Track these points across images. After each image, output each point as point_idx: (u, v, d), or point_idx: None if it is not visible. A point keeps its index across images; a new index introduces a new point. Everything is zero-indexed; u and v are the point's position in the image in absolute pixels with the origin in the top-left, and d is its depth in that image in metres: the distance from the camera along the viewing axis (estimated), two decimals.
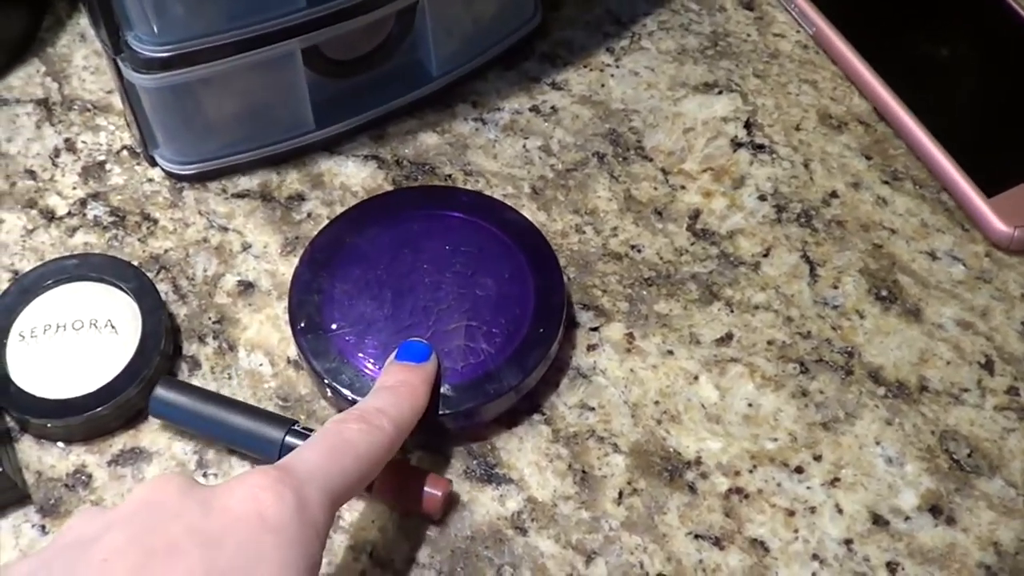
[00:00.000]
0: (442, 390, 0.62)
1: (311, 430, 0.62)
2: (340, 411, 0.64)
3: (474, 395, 0.62)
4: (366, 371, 0.62)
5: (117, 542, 0.45)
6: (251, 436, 0.62)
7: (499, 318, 0.64)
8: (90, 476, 0.63)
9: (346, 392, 0.62)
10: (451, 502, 0.62)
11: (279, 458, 0.60)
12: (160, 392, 0.63)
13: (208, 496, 0.47)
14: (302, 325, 0.64)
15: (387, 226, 0.68)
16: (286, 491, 0.47)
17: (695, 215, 0.73)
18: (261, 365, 0.67)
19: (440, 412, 0.62)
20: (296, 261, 0.67)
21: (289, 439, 0.61)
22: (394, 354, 0.62)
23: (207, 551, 0.44)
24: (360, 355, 0.63)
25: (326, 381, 0.62)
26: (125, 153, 0.76)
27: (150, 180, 0.75)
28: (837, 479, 0.63)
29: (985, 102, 0.78)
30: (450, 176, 0.75)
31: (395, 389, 0.59)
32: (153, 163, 0.75)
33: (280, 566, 0.45)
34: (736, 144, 0.76)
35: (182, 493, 0.47)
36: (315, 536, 0.48)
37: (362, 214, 0.69)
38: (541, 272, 0.66)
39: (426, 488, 0.60)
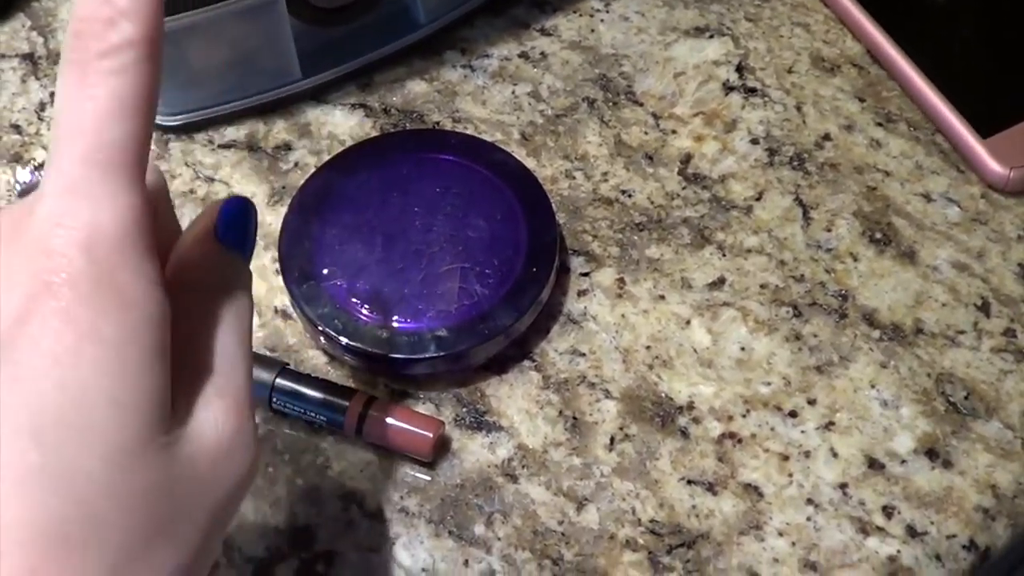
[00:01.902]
0: (438, 333, 0.61)
1: (304, 374, 0.62)
2: (333, 358, 0.64)
3: (468, 337, 0.61)
4: (359, 316, 0.62)
5: None
6: None
7: (492, 259, 0.63)
8: None
9: (340, 338, 0.61)
10: (441, 447, 0.61)
11: (270, 400, 0.60)
12: None
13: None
14: (292, 272, 0.64)
15: (376, 170, 0.67)
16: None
17: (686, 159, 0.72)
18: None
19: (434, 355, 0.61)
20: (284, 211, 0.67)
21: (280, 380, 0.61)
22: None
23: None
24: (352, 300, 0.62)
25: (319, 327, 0.62)
26: None
27: None
28: (832, 423, 0.62)
29: (979, 42, 0.77)
30: (438, 123, 0.74)
31: None
32: None
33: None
34: (728, 88, 0.75)
35: None
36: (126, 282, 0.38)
37: (351, 159, 0.68)
38: (533, 212, 0.65)
39: (418, 429, 0.60)
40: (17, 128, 0.74)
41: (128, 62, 0.38)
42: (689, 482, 0.60)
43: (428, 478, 0.61)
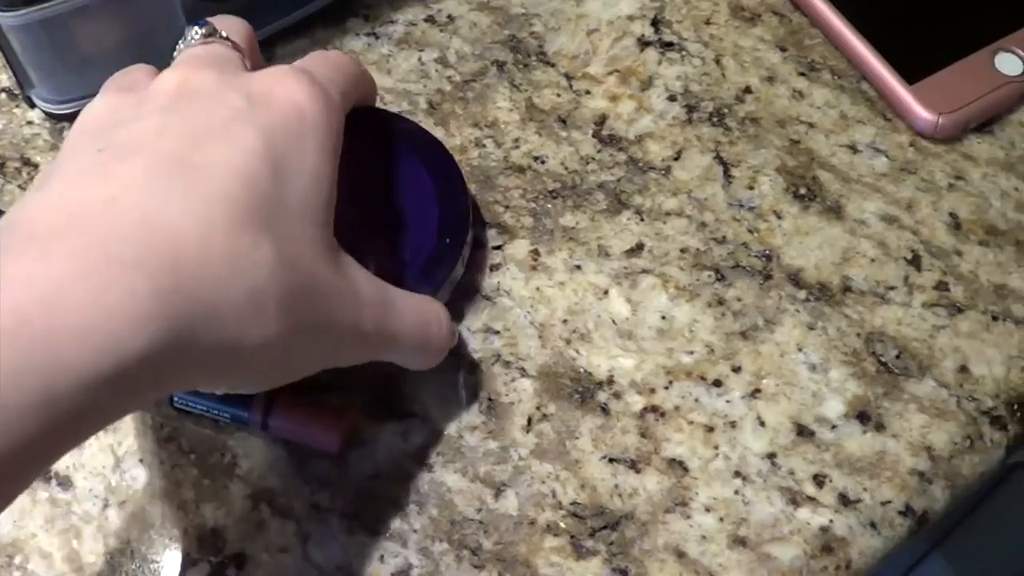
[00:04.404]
0: None
1: None
2: None
3: None
4: None
5: (168, 122, 0.45)
6: None
7: (402, 235, 0.60)
8: None
9: None
10: (352, 437, 0.59)
11: (171, 399, 0.59)
12: None
13: (248, 87, 0.48)
14: None
15: None
16: (319, 93, 0.49)
17: (601, 121, 0.69)
18: None
19: None
20: None
21: None
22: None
23: (262, 132, 0.45)
24: None
25: None
26: (3, 96, 0.72)
27: (29, 123, 0.71)
28: (758, 390, 0.60)
29: None
30: None
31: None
32: (32, 104, 0.71)
33: (318, 166, 0.47)
34: (643, 43, 0.73)
35: (220, 80, 0.48)
36: (339, 138, 0.50)
37: None
38: (443, 184, 0.62)
39: (326, 421, 0.58)
40: None
41: None
42: (611, 460, 0.58)
43: (340, 471, 0.58)
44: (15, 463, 0.37)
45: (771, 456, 0.58)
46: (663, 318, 0.62)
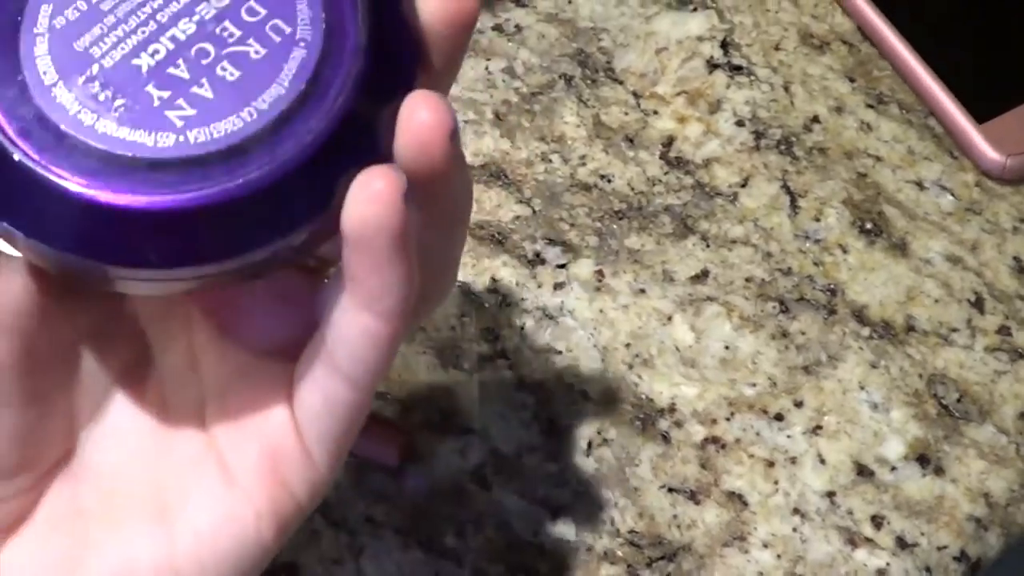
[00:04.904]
0: None
1: None
2: None
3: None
4: None
5: None
6: None
7: None
8: None
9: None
10: (410, 452, 0.58)
11: None
12: None
13: None
14: None
15: None
16: None
17: (668, 142, 0.69)
18: None
19: None
20: None
21: None
22: None
23: None
24: None
25: None
26: None
27: None
28: (819, 427, 0.59)
29: (975, 21, 0.73)
30: None
31: None
32: None
33: None
34: (712, 65, 0.72)
35: None
36: None
37: None
38: None
39: (384, 434, 0.57)
40: None
41: None
42: (670, 490, 0.58)
43: (396, 485, 0.58)
44: None
45: (830, 494, 0.58)
46: (727, 348, 0.62)
